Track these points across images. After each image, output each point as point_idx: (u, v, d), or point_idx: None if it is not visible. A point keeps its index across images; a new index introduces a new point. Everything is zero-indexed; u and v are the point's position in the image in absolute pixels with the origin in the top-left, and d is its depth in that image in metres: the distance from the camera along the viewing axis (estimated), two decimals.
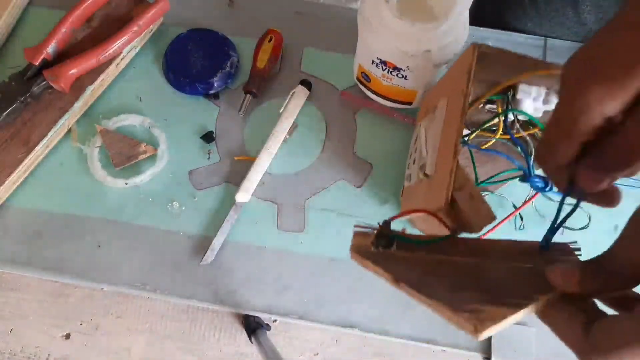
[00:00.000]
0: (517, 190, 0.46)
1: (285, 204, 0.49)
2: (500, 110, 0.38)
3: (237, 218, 0.48)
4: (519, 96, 0.37)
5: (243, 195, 0.48)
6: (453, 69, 0.38)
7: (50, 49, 0.49)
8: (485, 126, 0.39)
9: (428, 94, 0.46)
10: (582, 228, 0.44)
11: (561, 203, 0.28)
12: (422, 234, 0.43)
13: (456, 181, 0.32)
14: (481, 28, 0.55)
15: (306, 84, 0.52)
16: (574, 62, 0.25)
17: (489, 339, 0.45)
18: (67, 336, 1.23)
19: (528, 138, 0.39)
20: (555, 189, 0.30)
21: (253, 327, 1.15)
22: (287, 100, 0.51)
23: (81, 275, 0.47)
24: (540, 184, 0.34)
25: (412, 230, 0.37)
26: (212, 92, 0.51)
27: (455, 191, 0.32)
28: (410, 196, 0.43)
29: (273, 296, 0.47)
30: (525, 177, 0.34)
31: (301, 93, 0.51)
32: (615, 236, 0.23)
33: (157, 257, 0.48)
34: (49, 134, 0.48)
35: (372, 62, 0.45)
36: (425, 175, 0.37)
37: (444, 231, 0.33)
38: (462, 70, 0.34)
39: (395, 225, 0.31)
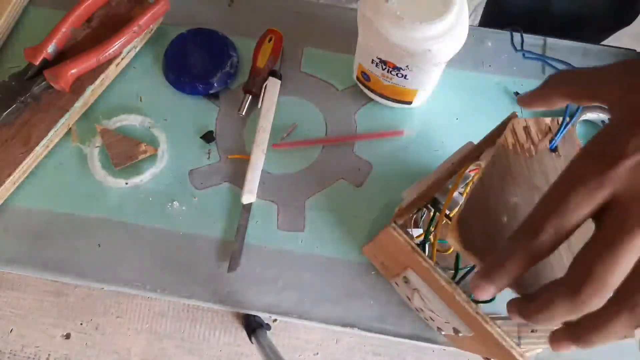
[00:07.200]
0: None
1: (285, 203, 0.49)
2: None
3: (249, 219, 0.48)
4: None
5: (248, 197, 0.48)
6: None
7: (50, 48, 0.49)
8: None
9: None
10: None
11: None
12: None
13: None
14: (481, 27, 0.55)
15: (275, 74, 0.52)
16: None
17: None
18: (67, 336, 1.23)
19: None
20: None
21: (253, 326, 1.15)
22: (262, 93, 0.51)
23: (81, 275, 0.47)
24: None
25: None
26: (212, 92, 0.51)
27: None
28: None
29: (273, 296, 0.47)
30: None
31: (274, 84, 0.52)
32: None
33: (157, 256, 0.48)
34: (49, 134, 0.48)
35: (372, 62, 0.45)
36: (456, 331, 0.37)
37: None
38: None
39: None
